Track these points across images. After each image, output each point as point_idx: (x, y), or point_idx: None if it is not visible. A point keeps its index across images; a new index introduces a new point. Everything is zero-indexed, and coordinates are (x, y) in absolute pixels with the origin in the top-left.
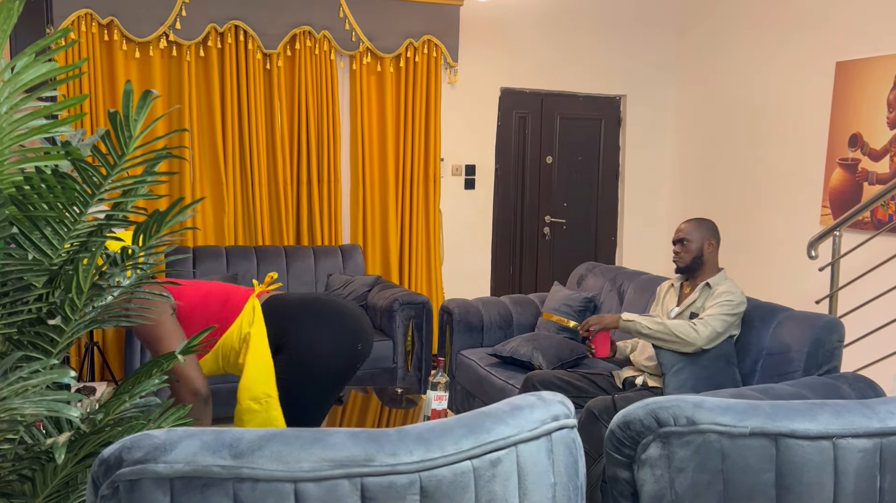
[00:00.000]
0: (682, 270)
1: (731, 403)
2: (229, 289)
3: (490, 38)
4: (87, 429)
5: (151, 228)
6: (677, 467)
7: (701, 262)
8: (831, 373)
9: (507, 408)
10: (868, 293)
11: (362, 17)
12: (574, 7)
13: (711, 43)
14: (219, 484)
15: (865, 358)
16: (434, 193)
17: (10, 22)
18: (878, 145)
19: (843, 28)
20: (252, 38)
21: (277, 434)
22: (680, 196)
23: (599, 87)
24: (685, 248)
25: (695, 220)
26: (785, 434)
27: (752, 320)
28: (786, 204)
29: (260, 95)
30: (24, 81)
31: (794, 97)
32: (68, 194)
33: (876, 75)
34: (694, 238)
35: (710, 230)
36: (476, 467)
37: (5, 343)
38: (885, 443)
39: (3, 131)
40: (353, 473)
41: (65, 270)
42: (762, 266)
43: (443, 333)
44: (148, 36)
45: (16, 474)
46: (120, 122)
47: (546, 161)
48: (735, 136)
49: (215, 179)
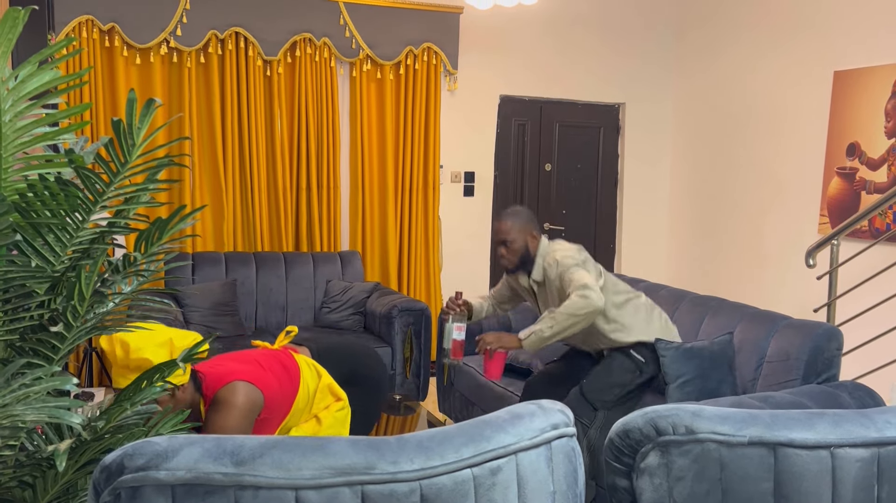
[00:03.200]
0: (513, 271)
1: (729, 412)
2: (270, 355)
3: (489, 45)
4: (89, 436)
5: (153, 236)
6: (676, 476)
7: (530, 256)
8: (830, 381)
9: (507, 417)
10: (866, 302)
11: (362, 24)
12: (573, 16)
13: (710, 52)
14: (220, 491)
15: (862, 367)
16: (433, 200)
17: (15, 31)
18: (875, 154)
19: (842, 37)
20: (252, 45)
21: (279, 442)
22: (678, 204)
23: (598, 95)
24: (510, 250)
25: (510, 218)
26: (783, 443)
27: (751, 327)
28: (784, 212)
29: (260, 102)
30: (28, 90)
31: (793, 106)
32: (71, 201)
33: (874, 84)
34: (516, 237)
35: (527, 221)
36: (476, 475)
37: (7, 349)
38: (882, 452)
39: (6, 139)
40: (354, 481)
41: (67, 277)
42: (760, 274)
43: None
44: (149, 42)
45: (16, 481)
46: (123, 130)
47: (545, 168)
48: (733, 144)
49: (215, 185)
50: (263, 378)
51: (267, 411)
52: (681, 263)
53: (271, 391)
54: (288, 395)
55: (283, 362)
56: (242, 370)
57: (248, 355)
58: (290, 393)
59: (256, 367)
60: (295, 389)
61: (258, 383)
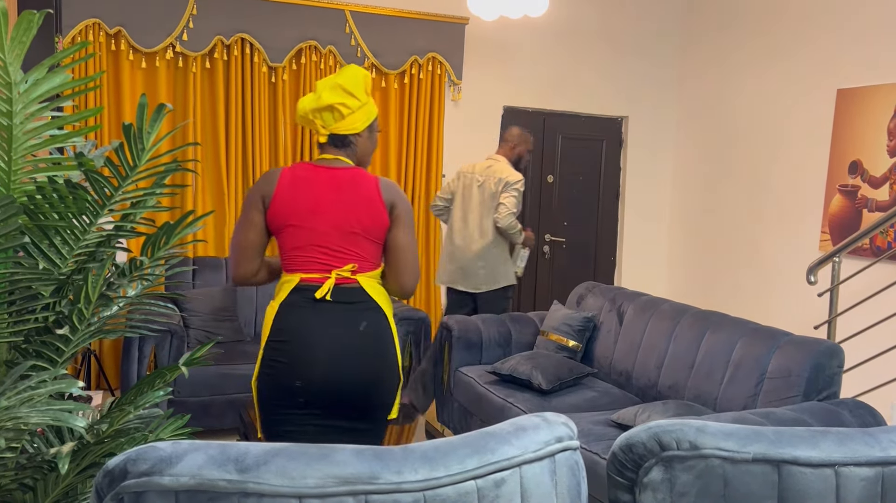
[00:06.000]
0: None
1: (734, 428)
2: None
3: (494, 56)
4: (91, 439)
5: (160, 240)
6: (679, 492)
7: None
8: (831, 398)
9: (512, 429)
10: (866, 320)
11: (368, 33)
12: (578, 29)
13: (714, 68)
14: (224, 498)
15: (862, 384)
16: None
17: (29, 34)
18: (877, 172)
19: (845, 55)
20: (258, 52)
21: (283, 449)
22: (680, 218)
23: (602, 108)
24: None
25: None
26: (788, 461)
27: (752, 343)
28: (786, 229)
29: (264, 108)
30: (39, 93)
31: (795, 123)
32: (79, 204)
33: (877, 103)
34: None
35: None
36: (480, 487)
37: (11, 351)
38: (886, 472)
39: (17, 141)
40: (358, 490)
41: (73, 280)
42: (762, 290)
43: (441, 350)
44: (155, 46)
45: (17, 483)
46: (134, 135)
47: (547, 180)
48: (735, 160)
49: (217, 190)
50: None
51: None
52: (681, 278)
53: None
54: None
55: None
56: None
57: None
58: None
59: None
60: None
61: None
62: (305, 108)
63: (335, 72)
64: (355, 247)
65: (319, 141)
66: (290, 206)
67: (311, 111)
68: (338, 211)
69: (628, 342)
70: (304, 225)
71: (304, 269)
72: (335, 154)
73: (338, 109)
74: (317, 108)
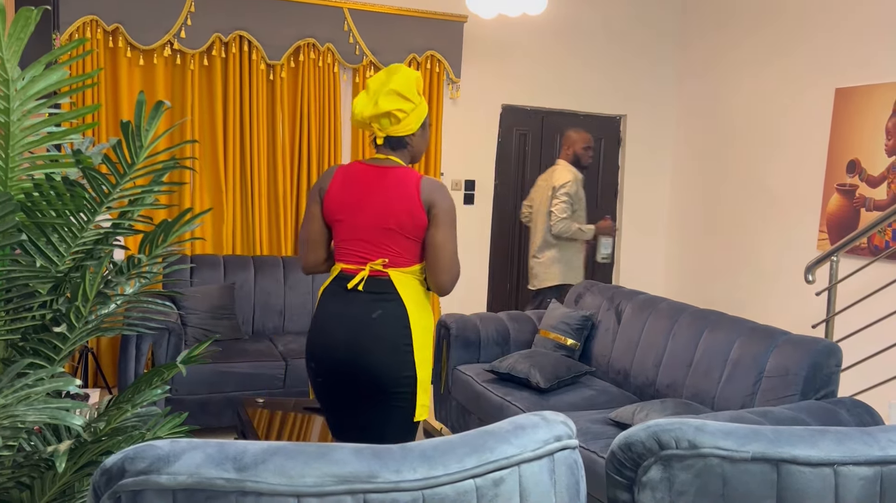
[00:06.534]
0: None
1: (733, 428)
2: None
3: (492, 55)
4: (88, 437)
5: (158, 238)
6: (678, 490)
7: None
8: (829, 397)
9: (511, 428)
10: (864, 319)
11: (367, 30)
12: (577, 27)
13: (712, 67)
14: (222, 497)
15: (860, 383)
16: None
17: (27, 30)
18: (875, 172)
19: (844, 55)
20: (256, 49)
21: (281, 448)
22: (678, 217)
23: (600, 106)
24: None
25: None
26: (787, 460)
27: (750, 342)
28: (783, 227)
29: (262, 105)
30: (37, 89)
31: (794, 122)
32: (77, 202)
33: (875, 102)
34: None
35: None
36: (479, 486)
37: (8, 349)
38: (885, 471)
39: (14, 138)
40: (357, 489)
41: (70, 278)
42: (760, 289)
43: (440, 348)
44: (153, 44)
45: (14, 482)
46: (132, 132)
47: None
48: (734, 159)
49: (215, 188)
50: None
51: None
52: (679, 276)
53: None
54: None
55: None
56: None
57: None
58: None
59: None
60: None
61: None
62: (363, 113)
63: (385, 69)
64: (391, 242)
65: (377, 142)
66: (339, 201)
67: (369, 117)
68: (377, 208)
69: (626, 341)
70: (348, 219)
71: (345, 260)
72: (388, 154)
73: (395, 115)
74: (375, 114)
